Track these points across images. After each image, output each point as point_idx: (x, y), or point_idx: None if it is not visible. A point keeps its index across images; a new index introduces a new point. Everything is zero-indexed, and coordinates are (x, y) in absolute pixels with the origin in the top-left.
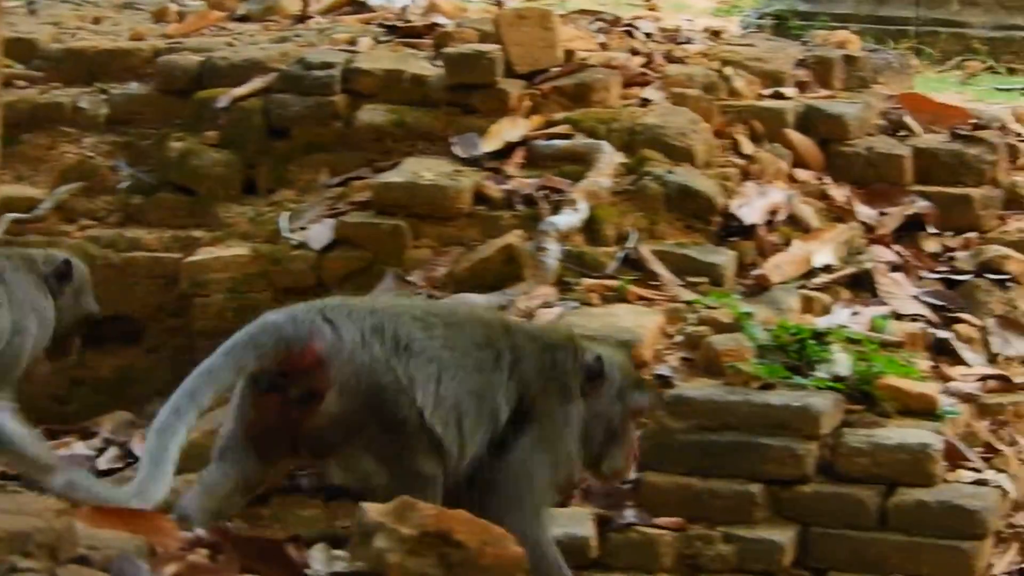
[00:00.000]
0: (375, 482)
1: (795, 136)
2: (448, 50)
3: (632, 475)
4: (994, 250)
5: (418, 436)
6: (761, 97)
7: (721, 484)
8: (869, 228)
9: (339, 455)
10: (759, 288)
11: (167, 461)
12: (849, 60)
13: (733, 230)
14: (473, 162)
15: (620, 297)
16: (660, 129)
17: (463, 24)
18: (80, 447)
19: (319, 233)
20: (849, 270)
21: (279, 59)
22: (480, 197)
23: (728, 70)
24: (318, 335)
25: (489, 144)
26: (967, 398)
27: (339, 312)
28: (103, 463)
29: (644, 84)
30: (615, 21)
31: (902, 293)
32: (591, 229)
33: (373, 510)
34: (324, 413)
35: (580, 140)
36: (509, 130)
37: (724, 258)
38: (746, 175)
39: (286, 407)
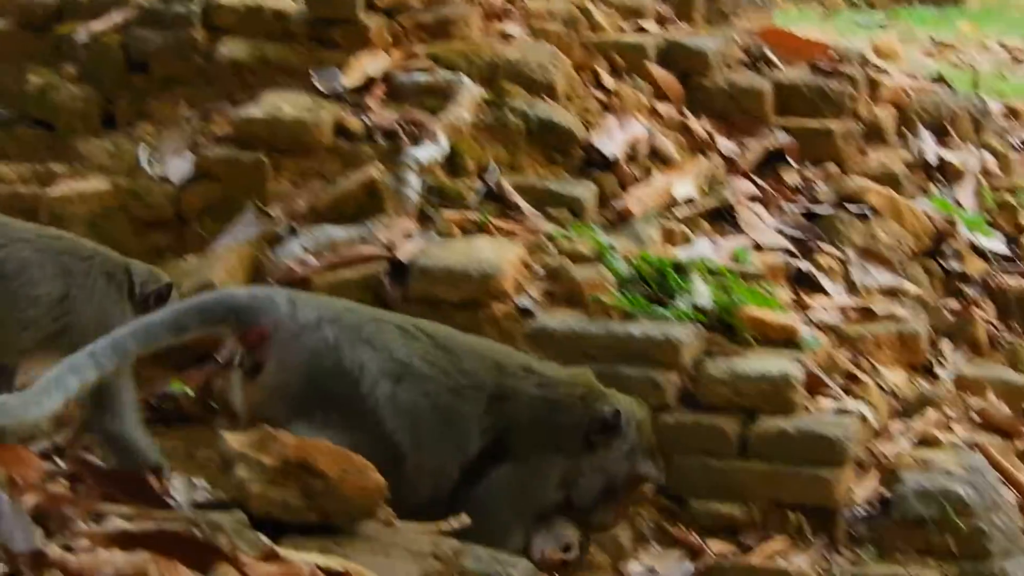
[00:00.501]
0: None
1: (656, 70)
2: None
3: None
4: (854, 183)
5: (364, 422)
6: (622, 31)
7: None
8: (730, 161)
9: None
10: (620, 220)
11: (57, 390)
12: None
13: (594, 163)
14: (334, 96)
15: (481, 230)
16: (521, 63)
17: None
18: None
19: (179, 167)
20: (710, 203)
21: None
22: (341, 131)
23: (589, 4)
24: (270, 311)
25: (350, 78)
26: (828, 328)
27: (307, 300)
28: None
29: (505, 18)
30: None
31: (763, 225)
32: (452, 162)
33: (234, 440)
34: (261, 384)
35: (441, 74)
36: (370, 64)
37: (585, 191)
38: (607, 109)
39: (244, 380)
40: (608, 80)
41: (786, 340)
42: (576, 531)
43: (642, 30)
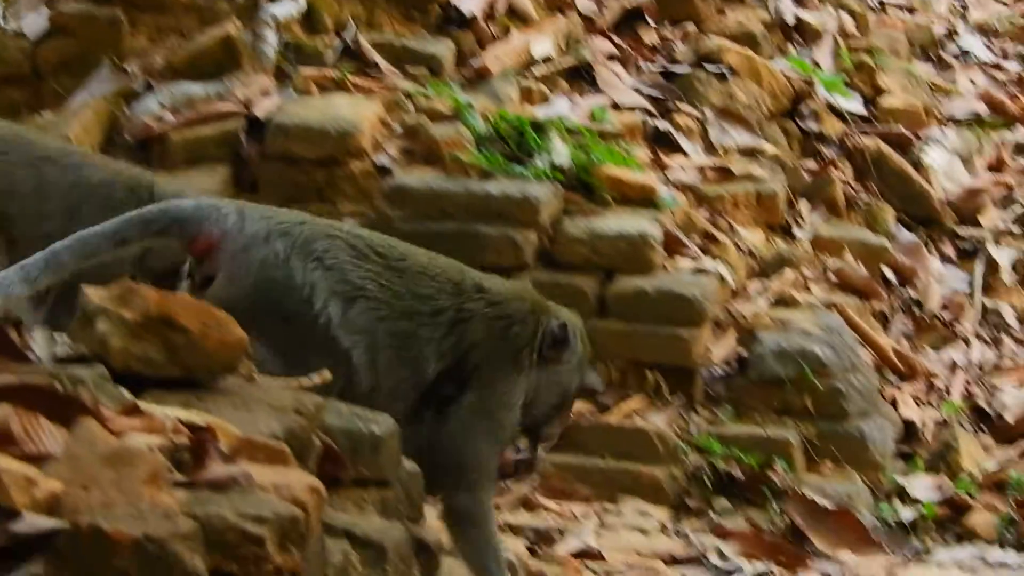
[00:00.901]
0: (267, 369)
1: None
2: None
3: None
4: (712, 42)
5: (315, 337)
6: None
7: None
8: (588, 20)
9: None
10: (478, 78)
11: None
12: None
13: (452, 21)
14: None
15: (339, 87)
16: None
17: None
18: None
19: (34, 22)
20: (568, 61)
21: None
22: None
23: None
24: (217, 222)
25: None
26: (686, 188)
27: (256, 210)
28: None
29: None
30: None
31: (621, 84)
32: (309, 19)
33: (94, 294)
34: (210, 297)
35: None
36: None
37: (443, 49)
38: None
39: (194, 292)
40: None
41: (644, 199)
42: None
43: None
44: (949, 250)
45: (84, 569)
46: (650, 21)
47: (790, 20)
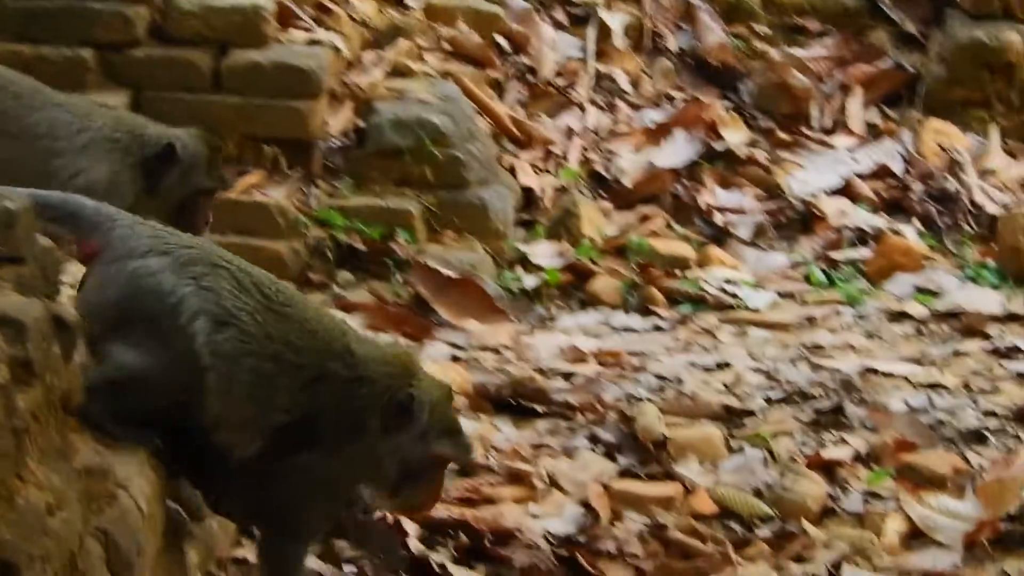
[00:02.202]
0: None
1: None
2: None
3: None
4: None
5: (176, 346)
6: None
7: (51, 50)
8: None
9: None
10: None
11: None
12: None
13: None
14: None
15: None
16: None
17: None
18: None
19: None
20: None
21: None
22: None
23: None
24: (107, 230)
25: None
26: None
27: (148, 231)
28: None
29: None
30: None
31: None
32: None
33: None
34: (80, 300)
35: None
36: None
37: None
38: None
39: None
40: None
41: None
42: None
43: None
44: (561, 16)
45: None
46: None
47: None
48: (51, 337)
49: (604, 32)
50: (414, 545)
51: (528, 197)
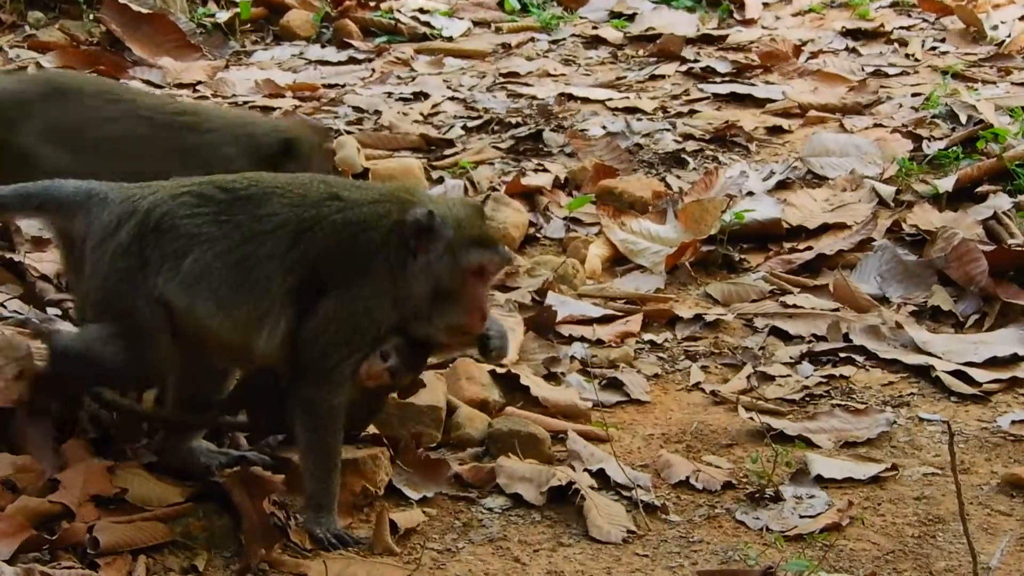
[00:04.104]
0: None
1: None
2: None
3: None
4: None
5: (149, 318)
6: None
7: None
8: None
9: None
10: None
11: None
12: None
13: None
14: None
15: None
16: None
17: None
18: None
19: None
20: None
21: None
22: None
23: None
24: (85, 210)
25: None
26: None
27: (122, 193)
28: None
29: None
30: None
31: None
32: None
33: None
34: (83, 289)
35: None
36: None
37: None
38: None
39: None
40: None
41: None
42: (394, 339)
43: None
44: None
45: None
46: None
47: None
48: None
49: None
50: None
51: None
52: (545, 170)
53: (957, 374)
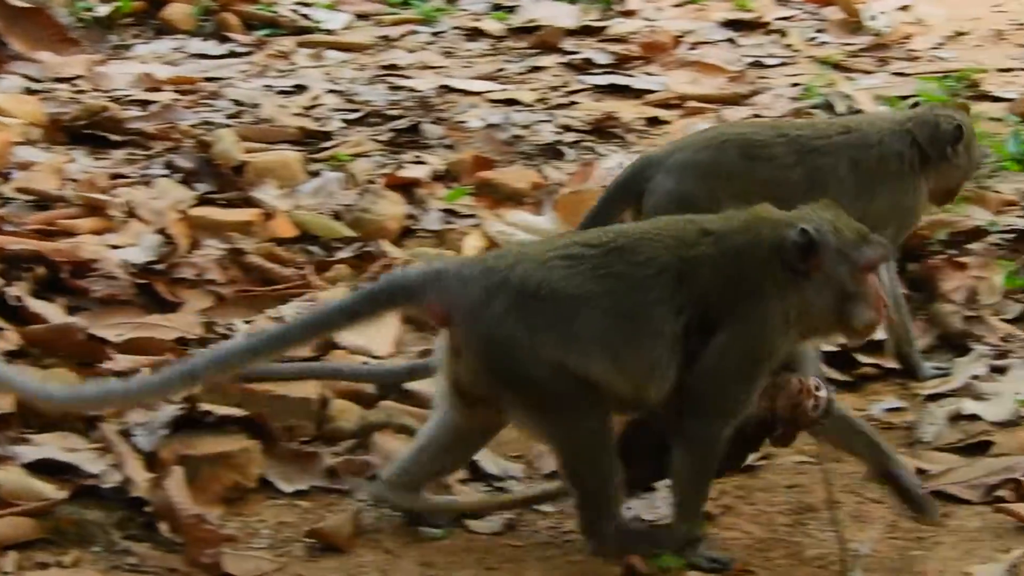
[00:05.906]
0: (547, 437)
1: None
2: None
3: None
4: None
5: (564, 385)
6: None
7: None
8: None
9: (507, 412)
10: None
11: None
12: None
13: None
14: None
15: None
16: None
17: None
18: None
19: None
20: None
21: None
22: None
23: None
24: (440, 291)
25: None
26: None
27: (476, 268)
28: None
29: None
30: None
31: None
32: None
33: None
34: (466, 369)
35: None
36: None
37: None
38: None
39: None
40: None
41: None
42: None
43: None
44: None
45: None
46: None
47: None
48: None
49: None
50: None
51: None
52: (423, 162)
53: (834, 361)
